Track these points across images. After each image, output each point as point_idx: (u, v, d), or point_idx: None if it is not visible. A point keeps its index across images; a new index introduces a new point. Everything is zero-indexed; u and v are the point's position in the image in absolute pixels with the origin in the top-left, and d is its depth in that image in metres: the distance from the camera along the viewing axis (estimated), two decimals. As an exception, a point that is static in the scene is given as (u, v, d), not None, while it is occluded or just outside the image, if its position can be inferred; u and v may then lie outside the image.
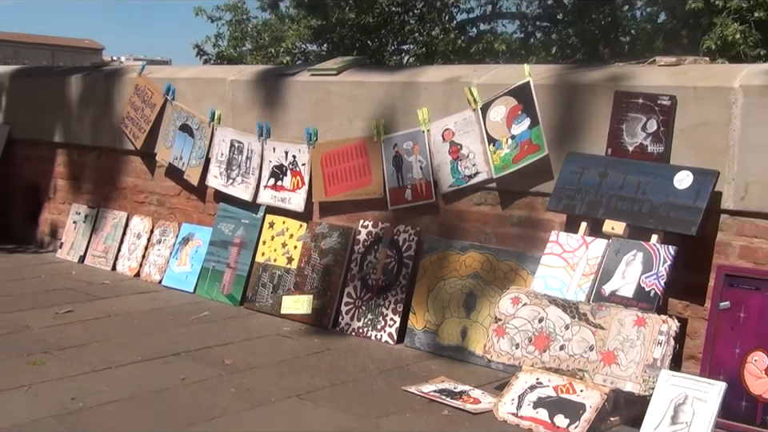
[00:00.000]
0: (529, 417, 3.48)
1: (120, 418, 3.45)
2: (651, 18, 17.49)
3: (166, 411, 3.53)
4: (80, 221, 6.31)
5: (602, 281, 3.76)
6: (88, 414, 3.48)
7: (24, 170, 6.89)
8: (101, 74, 6.60)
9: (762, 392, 3.46)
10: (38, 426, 3.33)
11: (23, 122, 6.88)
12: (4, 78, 7.15)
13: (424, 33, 17.34)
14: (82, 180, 6.49)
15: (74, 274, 5.86)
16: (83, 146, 6.46)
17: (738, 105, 3.64)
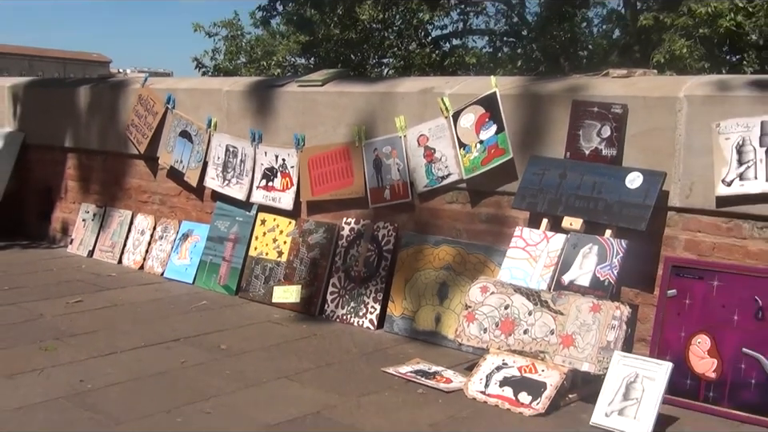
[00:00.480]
0: (495, 394, 3.49)
1: (124, 398, 3.43)
2: (606, 35, 17.60)
3: (166, 391, 3.52)
4: (89, 219, 6.28)
5: (562, 271, 3.77)
6: (95, 394, 3.46)
7: (37, 172, 6.84)
8: (107, 85, 6.57)
9: (705, 371, 3.48)
10: (49, 406, 3.31)
11: (37, 129, 6.83)
12: (19, 89, 7.10)
13: (402, 48, 17.37)
14: (91, 181, 6.45)
15: (84, 268, 5.82)
16: (91, 150, 6.41)
17: (683, 113, 3.66)
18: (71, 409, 3.29)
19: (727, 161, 3.53)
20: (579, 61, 16.02)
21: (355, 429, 3.18)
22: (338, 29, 16.82)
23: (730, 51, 14.23)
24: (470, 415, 3.35)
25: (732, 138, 3.51)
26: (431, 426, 3.23)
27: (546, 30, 15.89)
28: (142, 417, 3.23)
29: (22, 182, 6.85)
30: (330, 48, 17.03)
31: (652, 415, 3.18)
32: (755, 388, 3.35)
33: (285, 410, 3.34)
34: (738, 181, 3.51)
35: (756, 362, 3.37)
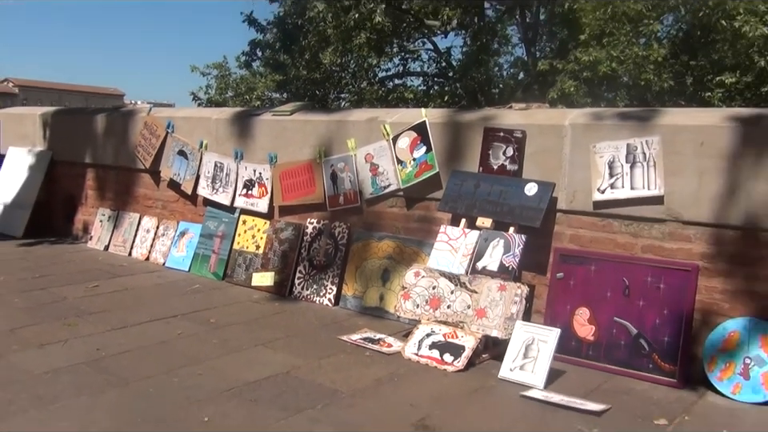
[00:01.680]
0: (426, 355, 3.49)
1: (132, 363, 3.35)
2: (513, 76, 17.71)
3: (166, 357, 3.44)
4: (105, 220, 6.11)
5: (476, 259, 3.78)
6: (110, 360, 3.38)
7: (63, 183, 6.64)
8: (119, 114, 6.41)
9: (586, 335, 3.52)
10: (72, 369, 3.23)
11: (62, 148, 6.63)
12: (48, 116, 6.89)
13: (355, 86, 17.27)
14: (106, 190, 6.28)
15: (101, 259, 5.67)
16: (107, 165, 6.25)
17: (568, 137, 3.70)
18: (90, 372, 3.21)
19: (601, 174, 3.58)
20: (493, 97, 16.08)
21: (316, 383, 3.15)
22: (305, 70, 16.63)
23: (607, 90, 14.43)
24: (406, 372, 3.34)
25: (605, 156, 3.56)
26: (376, 380, 3.22)
27: (467, 73, 15.92)
28: (146, 377, 3.16)
29: (50, 192, 6.64)
30: (299, 85, 16.85)
31: (545, 369, 3.21)
32: (624, 348, 3.41)
33: (261, 370, 3.29)
34: (610, 189, 3.56)
35: (624, 327, 3.43)
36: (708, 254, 3.30)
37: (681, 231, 3.38)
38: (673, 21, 14.30)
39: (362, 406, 2.93)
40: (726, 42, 12.99)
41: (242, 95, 18.01)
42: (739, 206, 3.20)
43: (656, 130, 3.43)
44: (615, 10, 12.52)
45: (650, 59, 12.36)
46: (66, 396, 2.94)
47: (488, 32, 15.90)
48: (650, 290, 3.39)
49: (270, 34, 17.50)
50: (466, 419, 2.84)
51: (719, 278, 3.27)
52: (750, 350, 3.12)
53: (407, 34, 17.42)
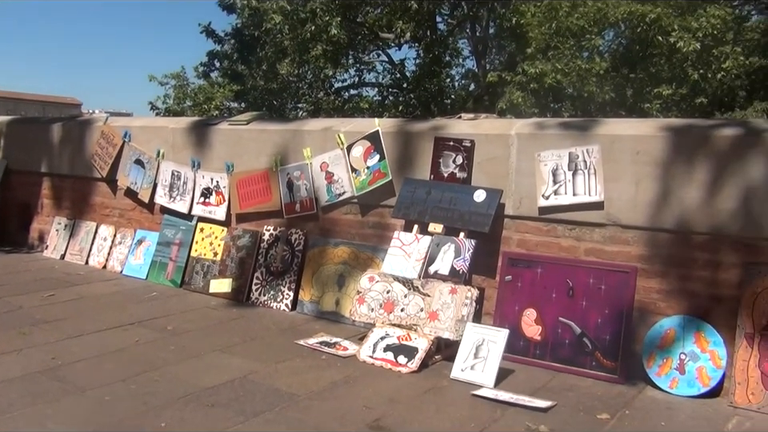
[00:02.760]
0: (380, 357, 3.50)
1: (89, 371, 3.27)
2: (465, 87, 17.93)
3: (123, 364, 3.37)
4: (61, 229, 5.95)
5: (428, 264, 3.80)
6: (65, 368, 3.29)
7: (18, 192, 6.44)
8: (76, 123, 6.25)
9: (533, 335, 3.57)
10: (27, 378, 3.13)
11: (18, 157, 6.44)
12: (3, 125, 6.68)
13: (312, 96, 17.23)
14: (63, 199, 6.12)
15: (57, 268, 5.52)
16: (63, 174, 6.09)
17: (514, 145, 3.76)
18: (45, 381, 3.11)
19: (545, 181, 3.65)
20: (445, 107, 16.23)
21: (273, 387, 3.12)
22: (263, 80, 16.54)
23: (553, 100, 14.72)
24: (361, 374, 3.34)
25: (549, 164, 3.63)
26: (331, 383, 3.21)
27: (420, 84, 16.06)
28: (102, 385, 3.09)
29: (5, 201, 6.43)
30: (256, 95, 16.72)
31: (494, 369, 3.25)
32: (568, 346, 3.47)
33: (218, 375, 3.24)
34: (554, 195, 3.63)
35: (569, 327, 3.49)
36: (645, 256, 3.40)
37: (620, 235, 3.47)
38: (613, 36, 14.71)
39: (318, 409, 2.92)
40: (663, 57, 13.42)
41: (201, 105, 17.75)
42: (673, 210, 3.30)
43: (596, 139, 3.51)
44: (560, 25, 12.81)
45: (592, 72, 12.67)
46: (20, 405, 2.85)
47: (440, 45, 16.08)
48: (592, 290, 3.47)
49: (228, 44, 17.37)
50: (419, 419, 2.85)
51: (656, 279, 3.37)
52: (685, 346, 3.22)
53: (362, 46, 17.49)
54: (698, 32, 12.62)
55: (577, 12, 12.77)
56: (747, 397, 3.02)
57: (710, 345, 3.17)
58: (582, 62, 12.74)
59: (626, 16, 12.74)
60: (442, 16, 17.44)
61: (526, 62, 13.18)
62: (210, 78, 18.17)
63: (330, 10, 14.16)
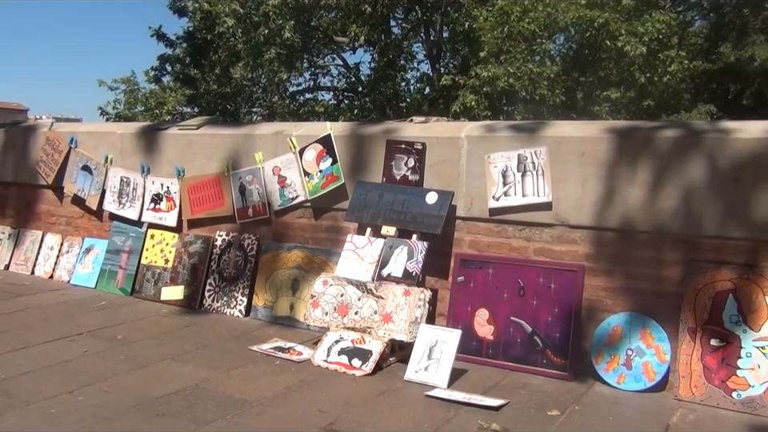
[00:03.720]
0: (335, 361, 3.50)
1: (34, 384, 3.18)
2: (420, 91, 18.04)
3: (70, 376, 3.28)
4: (5, 238, 5.77)
5: (382, 266, 3.81)
6: (9, 382, 3.19)
7: (-41, 201, 6.23)
8: (20, 129, 6.07)
9: (485, 335, 3.62)
10: (-34, 395, 3.03)
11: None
12: (-59, 132, 6.44)
13: (267, 100, 17.14)
14: (7, 208, 5.93)
15: (1, 279, 5.35)
16: (7, 182, 5.90)
17: (464, 148, 3.81)
18: (-14, 396, 3.02)
19: (495, 182, 3.70)
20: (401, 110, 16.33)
21: (226, 394, 3.09)
22: (216, 85, 16.38)
23: (506, 103, 14.93)
24: (315, 378, 3.33)
25: (498, 165, 3.68)
26: (285, 388, 3.19)
27: (375, 88, 16.14)
28: (48, 398, 3.01)
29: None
30: (210, 100, 16.55)
31: (448, 369, 3.28)
32: (520, 345, 3.53)
33: (169, 384, 3.19)
34: (504, 197, 3.68)
35: (520, 326, 3.55)
36: (592, 255, 3.48)
37: (568, 234, 3.54)
38: (564, 40, 14.98)
39: (272, 414, 2.90)
40: (611, 60, 13.74)
41: (152, 110, 17.47)
42: (617, 210, 3.39)
43: (543, 141, 3.59)
44: (511, 30, 12.99)
45: (543, 75, 12.89)
46: (-40, 421, 2.76)
47: (394, 49, 16.18)
48: (542, 289, 3.54)
49: (180, 48, 17.15)
50: (373, 421, 2.86)
51: (603, 277, 3.45)
52: (631, 342, 3.31)
53: (317, 49, 17.47)
54: (644, 36, 12.97)
55: (528, 17, 12.97)
56: (691, 390, 3.12)
57: (655, 340, 3.27)
58: (534, 66, 12.95)
59: (576, 21, 13.01)
60: (396, 20, 17.57)
61: (478, 66, 13.33)
62: (161, 82, 17.90)
63: (283, 13, 14.11)
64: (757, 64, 15.58)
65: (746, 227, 3.12)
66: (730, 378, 3.07)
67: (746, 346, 3.07)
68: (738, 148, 3.13)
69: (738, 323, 3.10)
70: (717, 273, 3.17)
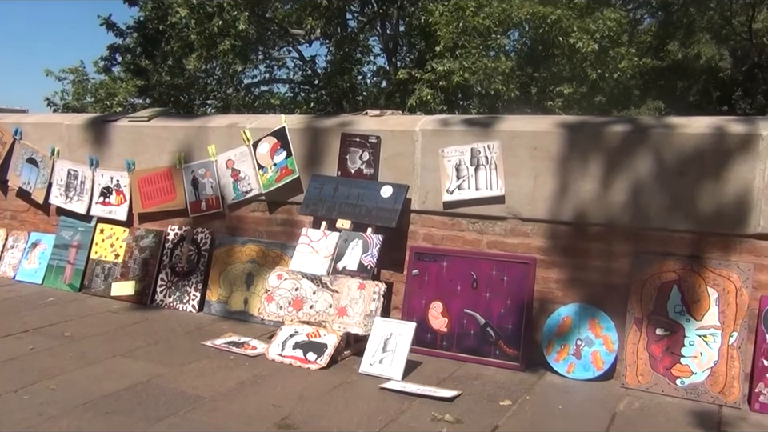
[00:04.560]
0: (289, 355, 3.48)
1: (-24, 383, 3.09)
2: (376, 84, 18.04)
3: (15, 374, 3.18)
4: (-55, 233, 5.56)
5: (337, 260, 3.82)
6: (-51, 383, 3.09)
7: None
8: (-40, 120, 5.85)
9: (439, 327, 3.66)
10: None
11: None
12: None
13: (221, 92, 16.88)
14: (-53, 201, 5.71)
15: (-59, 275, 5.16)
16: (-53, 175, 5.68)
17: (419, 141, 3.83)
18: (-76, 397, 2.91)
19: (449, 176, 3.73)
20: (357, 104, 16.29)
21: (178, 390, 3.04)
22: (169, 76, 16.04)
23: (462, 98, 15.06)
24: (270, 373, 3.31)
25: (452, 159, 3.72)
26: (239, 383, 3.17)
27: (331, 81, 16.06)
28: (-9, 397, 2.92)
29: None
30: (162, 91, 16.21)
31: (402, 362, 3.30)
32: (473, 336, 3.57)
33: (119, 381, 3.13)
34: (457, 190, 3.72)
35: (473, 318, 3.59)
36: (544, 247, 3.55)
37: (520, 227, 3.60)
38: (518, 36, 15.19)
39: (225, 410, 2.88)
40: (564, 57, 13.99)
41: (102, 101, 17.01)
42: (568, 203, 3.46)
43: (496, 135, 3.63)
44: (467, 25, 13.10)
45: (498, 70, 13.04)
46: None
47: (351, 42, 16.13)
48: (495, 282, 3.59)
49: (130, 38, 16.75)
50: (328, 414, 2.86)
51: (554, 269, 3.52)
52: (581, 332, 3.39)
53: (272, 41, 17.28)
54: (595, 33, 13.25)
55: (483, 12, 13.09)
56: (637, 378, 3.22)
57: (603, 330, 3.35)
58: (489, 61, 13.09)
59: (529, 17, 13.19)
60: (352, 13, 17.52)
61: (434, 60, 13.41)
62: (111, 72, 17.44)
63: (237, 4, 13.92)
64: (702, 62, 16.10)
65: (691, 220, 3.22)
66: (674, 365, 3.17)
67: (690, 335, 3.18)
68: (683, 143, 3.23)
69: (682, 313, 3.21)
70: (662, 264, 3.27)
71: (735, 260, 3.16)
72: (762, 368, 3.04)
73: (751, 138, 3.11)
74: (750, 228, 3.12)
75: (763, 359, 3.05)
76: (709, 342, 3.14)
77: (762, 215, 3.10)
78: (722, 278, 3.16)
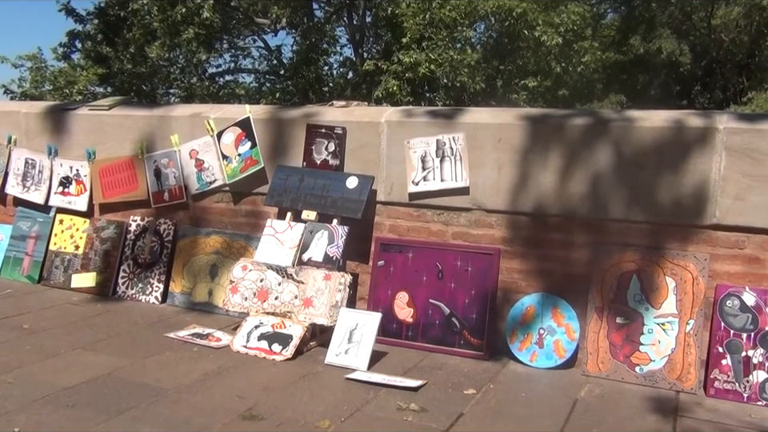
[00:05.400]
0: (254, 347, 3.47)
1: (-71, 378, 3.00)
2: (343, 75, 17.95)
3: (-30, 369, 3.12)
4: None
5: (302, 251, 3.80)
6: None
7: None
8: None
9: (405, 317, 3.68)
10: None
11: None
12: None
13: (185, 81, 16.60)
14: None
15: None
16: None
17: (384, 133, 3.83)
18: None
19: (415, 167, 3.75)
20: (323, 94, 16.16)
21: (140, 383, 3.01)
22: (131, 64, 15.68)
23: (428, 89, 15.09)
24: (234, 364, 3.29)
25: (418, 151, 3.73)
26: (203, 375, 3.14)
27: (297, 71, 15.90)
28: (-55, 392, 2.85)
29: None
30: (124, 79, 15.85)
31: (368, 352, 3.32)
32: (438, 326, 3.61)
33: (80, 374, 3.08)
34: (423, 181, 3.74)
35: (439, 308, 3.62)
36: (507, 238, 3.59)
37: (484, 219, 3.64)
38: (484, 28, 15.28)
39: (188, 402, 2.85)
40: (529, 50, 14.14)
41: (62, 89, 16.56)
42: (531, 194, 3.51)
43: (461, 127, 3.66)
44: (433, 17, 13.12)
45: (464, 63, 13.10)
46: None
47: (317, 32, 15.98)
48: (459, 272, 3.62)
49: (91, 24, 16.35)
50: (293, 405, 2.86)
51: (517, 260, 3.57)
52: (543, 321, 3.45)
53: (237, 30, 17.05)
54: (560, 27, 13.40)
55: (449, 4, 13.13)
56: (598, 366, 3.29)
57: (565, 319, 3.41)
58: (455, 53, 13.14)
59: (495, 10, 13.28)
60: (319, 3, 17.37)
61: (401, 52, 13.40)
62: (71, 60, 16.99)
63: (201, -8, 13.68)
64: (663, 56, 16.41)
65: (649, 211, 3.30)
66: (633, 353, 3.25)
67: (648, 323, 3.26)
68: (642, 136, 3.30)
69: (641, 302, 3.28)
70: (622, 254, 3.34)
71: (692, 250, 3.25)
72: (717, 355, 3.14)
73: (708, 132, 3.19)
74: (707, 219, 3.21)
75: (718, 346, 3.14)
76: (666, 330, 3.22)
77: (718, 207, 3.18)
78: (679, 267, 3.24)
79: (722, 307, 3.17)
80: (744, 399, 3.06)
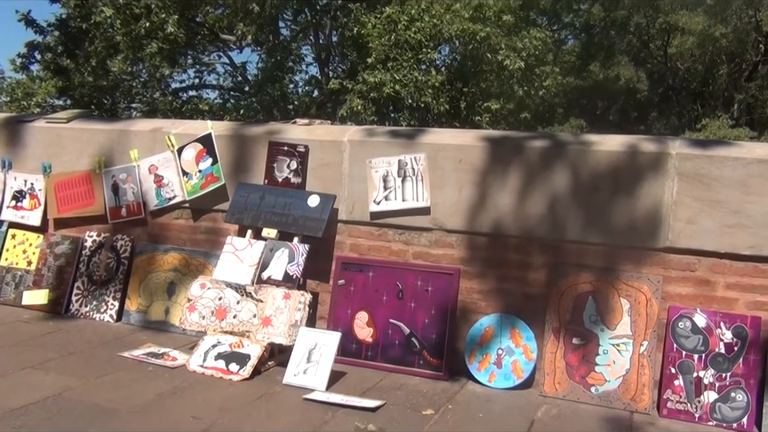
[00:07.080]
0: (211, 366, 3.42)
1: None
2: (308, 94, 17.98)
3: None
4: None
5: (262, 269, 3.77)
6: None
7: None
8: None
9: (365, 337, 3.67)
10: None
11: None
12: None
13: (148, 96, 16.41)
14: None
15: None
16: None
17: (346, 152, 3.84)
18: None
19: (377, 187, 3.76)
20: (288, 112, 16.14)
21: (92, 403, 2.93)
22: (92, 77, 15.45)
23: (393, 110, 15.20)
24: (190, 384, 3.23)
25: (380, 170, 3.74)
26: (157, 395, 3.08)
27: (262, 88, 15.87)
28: None
29: None
30: (84, 92, 15.59)
31: (326, 372, 3.29)
32: (398, 347, 3.60)
33: (28, 394, 2.99)
34: (384, 201, 3.75)
35: (398, 328, 3.62)
36: (467, 258, 3.62)
37: (444, 239, 3.67)
38: (448, 51, 15.49)
39: (142, 423, 2.79)
40: (492, 73, 14.38)
41: (19, 101, 16.20)
42: (490, 215, 3.55)
43: (423, 147, 3.69)
44: (398, 38, 13.26)
45: (428, 84, 13.25)
46: None
47: (283, 50, 16.01)
48: (420, 292, 3.63)
49: (51, 36, 16.08)
50: (250, 426, 2.82)
51: (476, 280, 3.60)
52: (502, 342, 3.47)
53: (202, 46, 16.96)
54: (522, 52, 13.68)
55: (414, 26, 13.30)
56: (555, 386, 3.32)
57: (523, 340, 3.45)
58: (419, 74, 13.28)
59: (459, 33, 13.49)
60: (285, 21, 17.41)
61: (366, 72, 13.49)
62: (29, 71, 16.66)
63: (166, 6, 13.59)
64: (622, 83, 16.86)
65: (604, 233, 3.36)
66: (589, 374, 3.29)
67: (603, 344, 3.31)
68: (598, 160, 3.38)
69: (597, 323, 3.34)
70: (578, 276, 3.40)
71: (646, 272, 3.32)
72: (670, 375, 3.20)
73: (661, 157, 3.28)
74: (660, 242, 3.29)
75: (671, 367, 3.21)
76: (621, 351, 3.28)
77: (671, 230, 3.27)
78: (633, 289, 3.31)
79: (675, 329, 3.24)
80: (696, 419, 3.12)
